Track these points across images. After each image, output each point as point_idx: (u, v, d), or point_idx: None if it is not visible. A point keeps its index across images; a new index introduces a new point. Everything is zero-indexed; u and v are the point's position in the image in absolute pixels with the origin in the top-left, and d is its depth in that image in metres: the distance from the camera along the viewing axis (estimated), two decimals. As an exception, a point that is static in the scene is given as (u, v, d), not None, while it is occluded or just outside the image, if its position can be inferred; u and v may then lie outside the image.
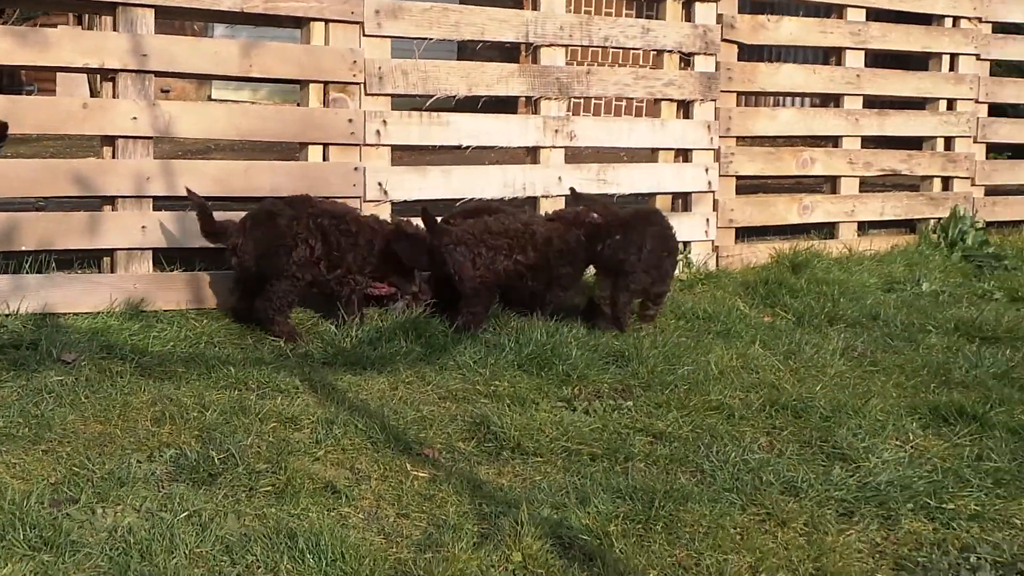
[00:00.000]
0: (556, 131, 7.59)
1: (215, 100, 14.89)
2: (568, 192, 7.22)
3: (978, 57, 9.82)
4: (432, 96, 7.22)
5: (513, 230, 6.42)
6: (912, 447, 4.96)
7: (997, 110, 10.40)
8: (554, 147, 7.61)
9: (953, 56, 9.74)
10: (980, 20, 9.83)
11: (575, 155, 8.10)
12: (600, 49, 12.15)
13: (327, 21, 6.82)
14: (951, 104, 9.74)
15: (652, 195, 8.11)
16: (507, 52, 7.88)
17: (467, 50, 10.32)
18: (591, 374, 5.67)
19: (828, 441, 4.94)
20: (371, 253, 6.32)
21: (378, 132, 6.95)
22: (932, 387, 5.81)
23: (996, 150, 11.37)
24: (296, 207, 6.23)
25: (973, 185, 9.88)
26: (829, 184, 9.23)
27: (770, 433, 5.09)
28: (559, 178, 7.54)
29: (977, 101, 9.83)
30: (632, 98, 8.38)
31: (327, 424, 4.85)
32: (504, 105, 7.87)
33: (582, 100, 13.61)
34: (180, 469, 4.35)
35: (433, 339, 6.02)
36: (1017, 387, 5.84)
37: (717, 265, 8.30)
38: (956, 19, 9.74)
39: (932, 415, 5.33)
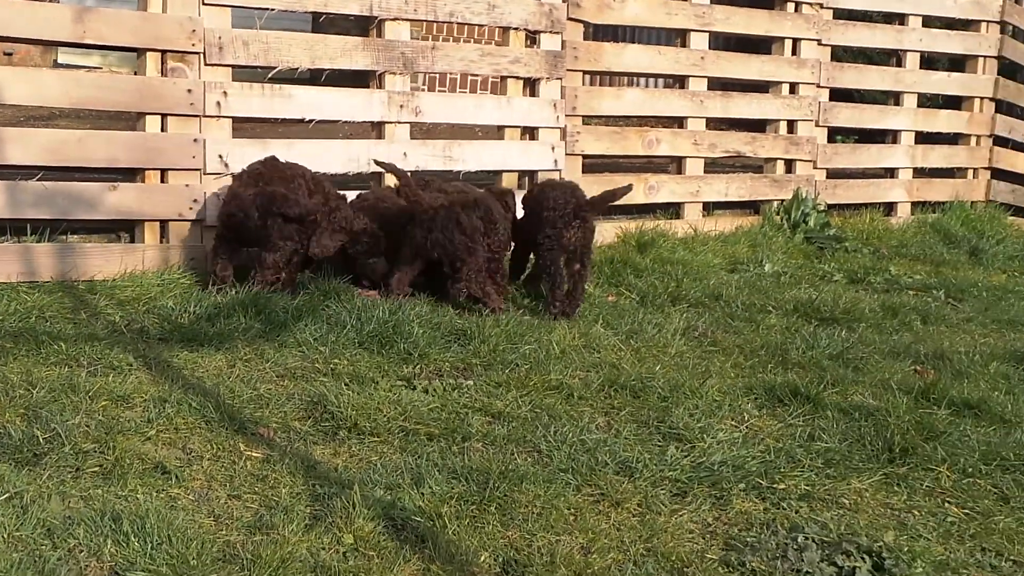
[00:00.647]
0: (401, 106, 7.53)
1: (61, 66, 14.51)
2: (414, 168, 7.19)
3: (819, 42, 9.98)
4: (274, 68, 7.11)
5: None
6: (747, 427, 5.03)
7: (842, 94, 10.60)
8: (399, 122, 7.55)
9: (795, 41, 9.88)
10: (821, 6, 10.00)
11: (430, 131, 8.06)
12: (457, 26, 12.11)
13: (165, -12, 6.68)
14: (793, 88, 9.88)
15: (498, 172, 8.10)
16: (364, 26, 7.77)
17: (321, 25, 10.22)
18: (432, 352, 5.65)
19: (665, 421, 4.98)
20: None
21: (218, 103, 6.83)
22: (769, 367, 5.91)
23: (843, 134, 11.64)
24: None
25: (815, 168, 10.03)
26: (675, 164, 9.31)
27: (608, 413, 5.11)
28: (404, 154, 7.48)
29: (819, 85, 9.99)
30: (478, 75, 8.36)
31: (160, 403, 4.76)
32: (361, 79, 7.78)
33: (437, 77, 13.52)
34: (2, 449, 4.22)
35: (273, 315, 5.93)
36: (851, 367, 5.97)
37: (563, 244, 8.32)
38: (799, 4, 9.89)
39: (768, 395, 5.42)
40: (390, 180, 7.24)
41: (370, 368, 5.38)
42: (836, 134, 11.16)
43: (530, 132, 8.23)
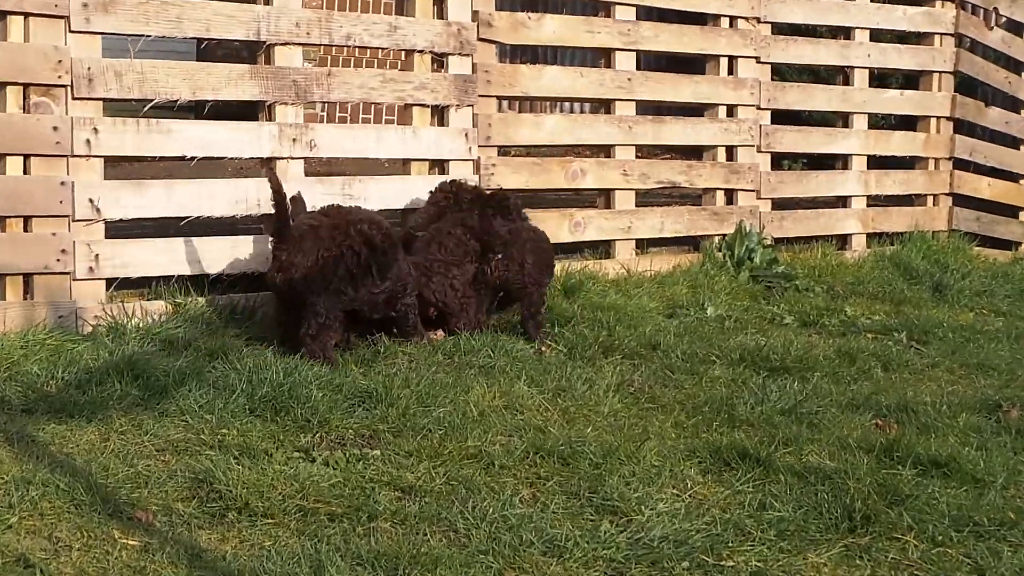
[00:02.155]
0: (294, 140, 7.48)
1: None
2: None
3: (758, 60, 10.03)
4: (151, 100, 7.04)
5: None
6: (690, 496, 4.99)
7: (786, 116, 10.66)
8: (292, 158, 7.51)
9: (732, 59, 9.91)
10: (759, 20, 10.05)
11: (328, 167, 8.01)
12: (358, 50, 12.11)
13: (27, 15, 6.61)
14: (732, 111, 9.93)
15: (405, 211, 8.05)
16: (253, 52, 7.75)
17: (207, 50, 10.16)
18: (334, 418, 5.58)
19: (598, 492, 4.92)
20: None
21: (88, 141, 6.74)
22: (714, 426, 5.87)
23: (788, 159, 11.71)
24: None
25: (759, 198, 10.07)
26: (603, 198, 9.30)
27: (534, 484, 5.06)
28: (299, 193, 7.41)
29: (759, 107, 10.04)
30: (379, 103, 8.31)
31: (23, 484, 4.65)
32: (252, 111, 7.75)
33: (338, 107, 13.50)
34: None
35: (152, 380, 5.84)
36: (805, 424, 5.94)
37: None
38: (733, 19, 9.92)
39: (713, 458, 5.38)
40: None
41: (263, 438, 5.30)
42: (781, 160, 11.23)
43: (439, 165, 8.20)
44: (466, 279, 7.33)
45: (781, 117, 10.47)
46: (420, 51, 8.09)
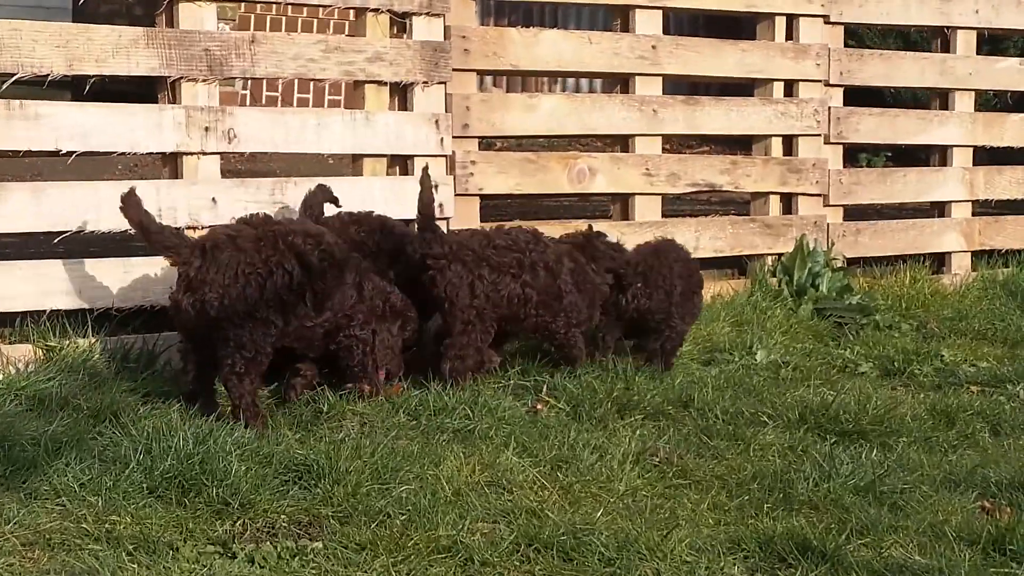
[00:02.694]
0: (207, 129, 7.55)
1: None
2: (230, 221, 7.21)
3: (827, 19, 10.10)
4: (12, 76, 7.09)
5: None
6: (734, 603, 5.06)
7: (864, 95, 10.69)
8: (204, 153, 7.57)
9: (791, 18, 10.00)
10: (828, -35, 10.13)
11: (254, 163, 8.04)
12: (289, 9, 12.11)
13: None
14: (791, 88, 10.00)
15: (356, 223, 8.13)
16: (150, 11, 7.78)
17: (87, 8, 10.17)
18: (261, 500, 5.60)
19: (612, 597, 4.99)
20: None
21: (-80, 131, 6.82)
22: (766, 509, 5.91)
23: (867, 152, 11.73)
24: None
25: (827, 205, 10.13)
26: (618, 206, 9.35)
27: (527, 586, 5.13)
28: (213, 199, 7.50)
29: (828, 83, 10.11)
30: (322, 79, 8.36)
31: None
32: (150, 91, 7.80)
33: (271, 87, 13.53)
34: None
35: (17, 451, 5.87)
36: (887, 506, 5.98)
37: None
38: (793, -35, 10.01)
39: (764, 551, 5.42)
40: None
41: (166, 527, 5.32)
42: (857, 153, 11.26)
43: (401, 162, 8.28)
44: None
45: (858, 96, 10.52)
46: (374, 9, 8.17)
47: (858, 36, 11.12)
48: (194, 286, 6.62)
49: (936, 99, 11.06)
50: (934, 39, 11.14)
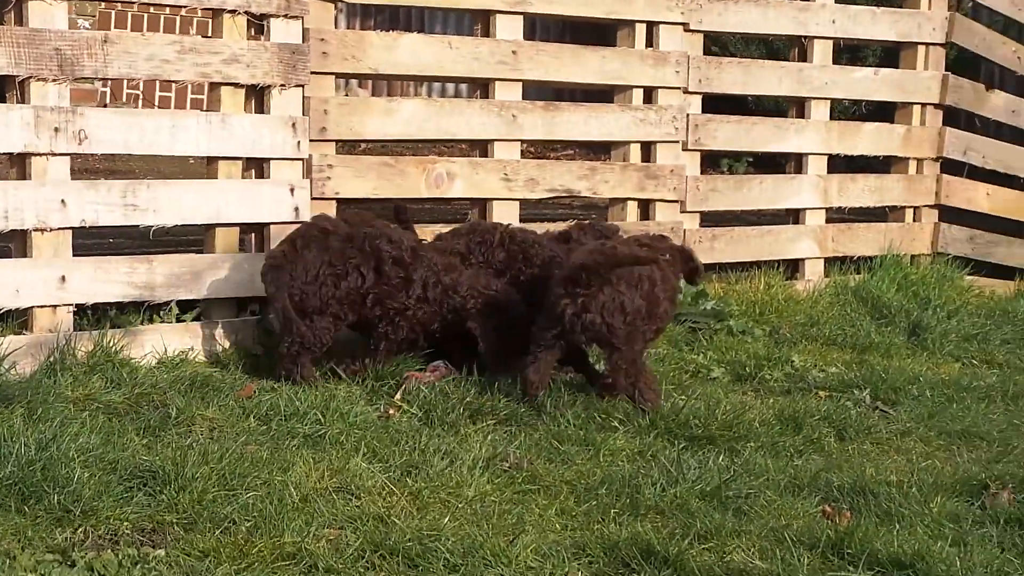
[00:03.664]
0: (56, 129, 7.46)
1: None
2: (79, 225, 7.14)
3: (687, 27, 10.11)
4: None
5: None
6: (576, 610, 5.05)
7: (724, 103, 10.73)
8: (54, 154, 7.49)
9: (652, 25, 9.97)
10: (686, -25, 10.15)
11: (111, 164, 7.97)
12: (150, 9, 12.04)
13: None
14: (650, 95, 10.01)
15: (210, 228, 8.05)
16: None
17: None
18: (104, 507, 5.55)
19: (454, 605, 4.98)
20: None
21: None
22: (612, 514, 5.94)
23: (728, 159, 11.79)
24: None
25: (684, 212, 10.15)
26: (477, 210, 9.35)
27: (370, 594, 5.10)
28: (63, 202, 7.41)
29: (687, 91, 10.13)
30: (178, 80, 8.30)
31: None
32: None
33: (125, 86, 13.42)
34: None
35: None
36: (731, 511, 6.02)
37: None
38: (653, -27, 10.01)
39: (608, 557, 5.44)
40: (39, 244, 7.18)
41: (4, 535, 5.26)
42: (716, 160, 11.31)
43: (257, 165, 8.24)
44: None
45: (716, 103, 10.57)
46: (231, 11, 8.11)
47: (722, 44, 11.17)
48: None
49: (794, 107, 11.12)
50: (792, 48, 11.20)
